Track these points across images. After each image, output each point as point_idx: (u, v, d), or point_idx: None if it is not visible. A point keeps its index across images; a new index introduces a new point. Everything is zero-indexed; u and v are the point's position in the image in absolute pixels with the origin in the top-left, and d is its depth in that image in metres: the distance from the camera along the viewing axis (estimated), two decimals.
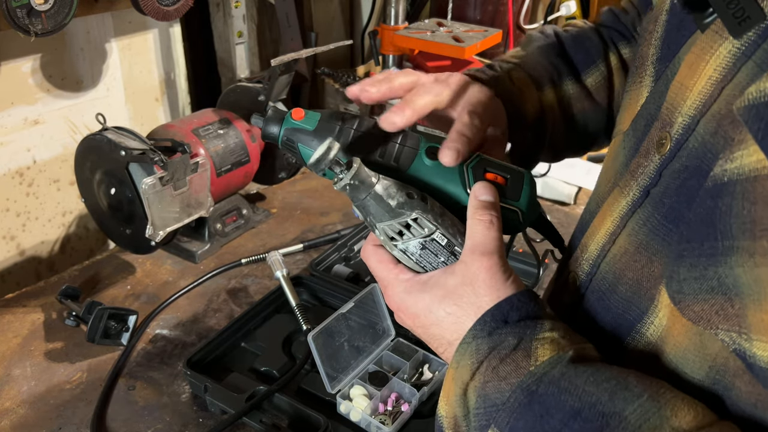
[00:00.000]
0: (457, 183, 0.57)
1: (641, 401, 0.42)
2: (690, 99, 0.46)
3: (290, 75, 1.28)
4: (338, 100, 1.73)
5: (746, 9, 0.40)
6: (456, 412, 0.50)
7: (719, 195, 0.39)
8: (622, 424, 0.41)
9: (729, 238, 0.38)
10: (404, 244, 0.53)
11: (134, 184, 1.07)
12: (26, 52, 1.20)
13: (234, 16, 1.51)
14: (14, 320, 1.07)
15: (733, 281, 0.38)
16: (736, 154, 0.39)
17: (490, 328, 0.49)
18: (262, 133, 0.58)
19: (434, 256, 0.54)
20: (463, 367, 0.49)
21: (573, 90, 0.72)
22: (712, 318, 0.41)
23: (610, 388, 0.43)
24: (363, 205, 0.53)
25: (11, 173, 1.25)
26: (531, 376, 0.46)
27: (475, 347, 0.49)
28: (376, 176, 0.53)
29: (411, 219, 0.52)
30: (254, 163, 1.30)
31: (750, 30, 0.41)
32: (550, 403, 0.44)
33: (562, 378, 0.45)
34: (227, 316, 1.09)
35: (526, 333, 0.48)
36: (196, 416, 0.90)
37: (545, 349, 0.47)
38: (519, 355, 0.47)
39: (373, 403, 0.88)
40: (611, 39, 0.75)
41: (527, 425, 0.45)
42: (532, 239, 0.66)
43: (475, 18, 1.86)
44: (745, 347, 0.39)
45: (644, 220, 0.50)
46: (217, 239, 1.27)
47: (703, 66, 0.45)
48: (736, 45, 0.42)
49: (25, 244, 1.30)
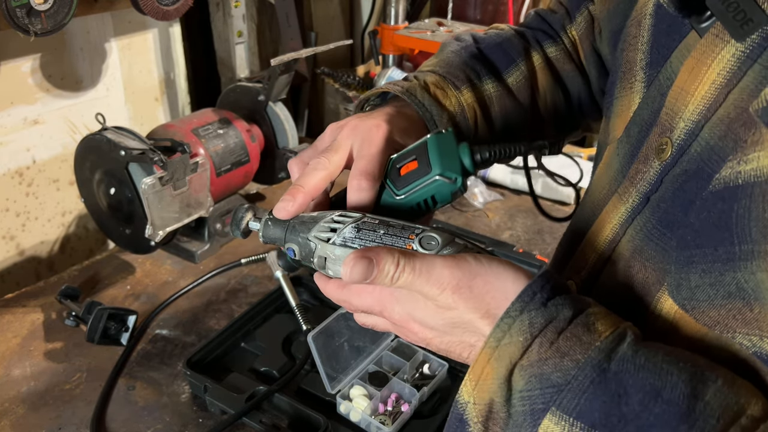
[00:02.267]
0: (392, 197, 0.58)
1: (718, 386, 0.39)
2: (692, 104, 0.46)
3: (290, 75, 1.28)
4: (338, 100, 1.73)
5: (747, 12, 0.39)
6: (493, 397, 0.44)
7: (734, 198, 0.39)
8: (706, 409, 0.39)
9: (748, 242, 0.38)
10: (339, 235, 0.52)
11: (134, 184, 1.07)
12: (26, 52, 1.20)
13: (234, 16, 1.51)
14: (14, 320, 1.07)
15: (754, 286, 0.38)
16: (751, 155, 0.38)
17: (543, 298, 0.44)
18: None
19: (373, 232, 0.52)
20: (509, 345, 0.43)
21: (493, 89, 0.70)
22: (729, 322, 0.40)
23: (687, 369, 0.40)
24: (290, 227, 0.55)
25: (11, 173, 1.25)
26: (600, 351, 0.41)
27: (528, 320, 0.43)
28: None
29: (336, 215, 0.54)
30: (254, 163, 1.30)
31: (754, 33, 0.40)
32: (627, 381, 0.40)
33: (636, 355, 0.41)
34: (227, 316, 1.09)
35: (577, 306, 0.44)
36: (195, 416, 0.90)
37: (603, 323, 0.43)
38: (579, 329, 0.43)
39: (373, 404, 0.88)
40: (536, 39, 0.75)
41: (602, 407, 0.40)
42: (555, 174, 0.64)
43: (475, 18, 1.86)
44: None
45: (641, 226, 0.49)
46: (217, 239, 1.27)
47: (704, 71, 0.45)
48: (739, 48, 0.42)
49: (25, 244, 1.30)
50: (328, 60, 1.87)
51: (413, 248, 0.51)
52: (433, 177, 0.56)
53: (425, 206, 0.58)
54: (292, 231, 0.55)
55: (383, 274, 0.47)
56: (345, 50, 2.00)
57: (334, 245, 0.53)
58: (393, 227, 0.52)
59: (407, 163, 0.57)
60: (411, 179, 0.57)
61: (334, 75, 1.69)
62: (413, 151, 0.58)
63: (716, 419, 0.38)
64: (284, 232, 0.56)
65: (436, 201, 0.57)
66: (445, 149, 0.56)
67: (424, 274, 0.47)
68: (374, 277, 0.47)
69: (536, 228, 1.36)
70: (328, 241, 0.53)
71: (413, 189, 0.57)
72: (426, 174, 0.56)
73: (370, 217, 0.53)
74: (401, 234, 0.52)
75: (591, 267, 0.55)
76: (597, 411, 0.40)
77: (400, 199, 0.58)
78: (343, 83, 1.70)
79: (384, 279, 0.47)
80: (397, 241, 0.51)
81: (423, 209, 0.58)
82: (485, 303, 0.46)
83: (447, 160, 0.56)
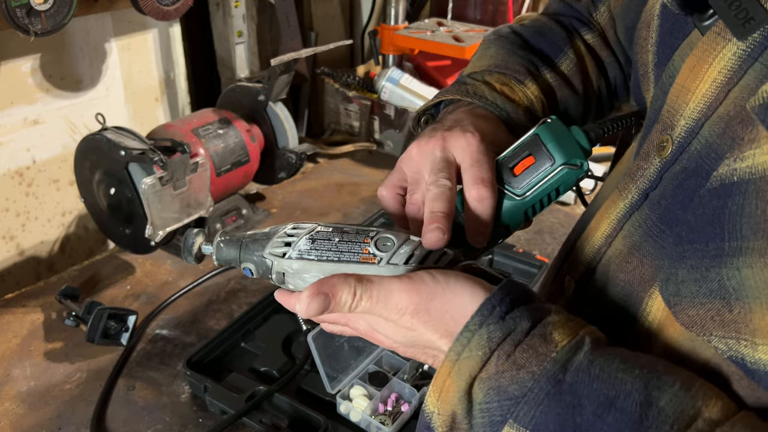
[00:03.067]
0: (512, 198, 0.56)
1: (674, 390, 0.39)
2: (693, 102, 0.46)
3: (290, 75, 1.28)
4: (338, 100, 1.73)
5: (749, 10, 0.39)
6: (455, 409, 0.45)
7: (728, 195, 0.39)
8: (660, 415, 0.39)
9: (737, 239, 0.38)
10: (294, 249, 0.52)
11: (134, 184, 1.07)
12: (26, 52, 1.20)
13: (234, 16, 1.51)
14: (14, 320, 1.07)
15: (737, 284, 0.38)
16: (747, 153, 0.38)
17: (501, 311, 0.44)
18: None
19: (328, 241, 0.51)
20: (469, 359, 0.44)
21: (552, 78, 0.69)
22: (706, 323, 0.40)
23: (642, 376, 0.40)
24: (244, 245, 0.54)
25: (11, 173, 1.25)
26: (555, 363, 0.42)
27: (486, 334, 0.43)
28: (241, 235, 0.55)
29: (289, 228, 0.53)
30: (254, 163, 1.30)
31: (755, 31, 0.40)
32: (581, 392, 0.40)
33: (591, 365, 0.41)
34: (227, 316, 1.09)
35: (536, 316, 0.44)
36: (195, 416, 0.90)
37: (560, 333, 0.43)
38: (536, 341, 0.43)
39: (373, 404, 0.88)
40: (572, 26, 0.74)
41: (557, 418, 0.41)
42: None
43: (475, 18, 1.86)
44: (745, 353, 0.38)
45: (640, 222, 0.49)
46: None
47: (705, 68, 0.45)
48: (741, 47, 0.42)
49: (25, 244, 1.30)
50: (328, 60, 1.87)
51: (369, 251, 0.51)
52: (559, 167, 0.54)
53: (548, 200, 0.56)
54: (246, 250, 0.54)
55: (340, 306, 0.47)
56: (345, 50, 2.00)
57: (291, 259, 0.52)
58: (347, 233, 0.52)
59: (521, 161, 0.55)
60: (531, 175, 0.55)
61: (334, 75, 1.69)
62: (524, 147, 0.55)
63: (670, 425, 0.38)
64: (238, 252, 0.54)
65: (560, 192, 0.55)
66: (560, 136, 0.54)
67: (382, 300, 0.47)
68: (331, 309, 0.47)
69: (536, 228, 1.36)
70: (284, 256, 0.52)
71: (537, 185, 0.55)
72: (549, 166, 0.54)
73: (322, 225, 0.53)
74: (356, 239, 0.51)
75: (588, 262, 0.55)
76: (552, 423, 0.41)
77: (521, 198, 0.55)
78: (343, 83, 1.70)
79: (342, 309, 0.47)
80: (353, 246, 0.51)
81: (545, 204, 0.56)
82: (444, 323, 0.46)
83: (567, 147, 0.54)
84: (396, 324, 0.48)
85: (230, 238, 0.55)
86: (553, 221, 1.38)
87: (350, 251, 0.51)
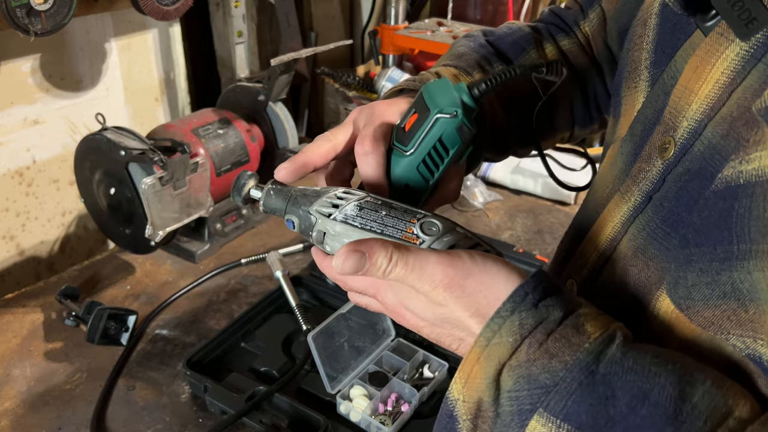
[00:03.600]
0: (402, 155, 0.57)
1: (706, 387, 0.39)
2: (696, 103, 0.45)
3: (290, 75, 1.28)
4: (338, 100, 1.73)
5: (752, 11, 0.39)
6: (482, 396, 0.44)
7: (735, 197, 0.39)
8: (694, 411, 0.38)
9: (746, 242, 0.37)
10: (341, 212, 0.52)
11: (134, 184, 1.07)
12: (26, 52, 1.20)
13: (234, 16, 1.51)
14: (14, 320, 1.07)
15: (750, 286, 0.38)
16: (753, 155, 0.38)
17: (534, 299, 0.44)
18: None
19: (375, 212, 0.51)
20: (499, 345, 0.43)
21: None
22: (723, 323, 0.40)
23: (675, 371, 0.40)
24: (292, 198, 0.54)
25: (11, 173, 1.25)
26: (588, 353, 0.41)
27: (518, 321, 0.43)
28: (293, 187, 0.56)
29: (340, 192, 0.53)
30: (254, 163, 1.30)
31: (758, 32, 0.40)
32: (615, 383, 0.40)
33: (624, 357, 0.41)
34: (227, 316, 1.09)
35: (568, 307, 0.44)
36: (195, 416, 0.90)
37: (592, 324, 0.43)
38: (568, 331, 0.42)
39: (373, 404, 0.88)
40: (548, 32, 0.74)
41: (589, 409, 0.40)
42: None
43: (475, 18, 1.86)
44: (762, 352, 0.39)
45: (643, 225, 0.49)
46: (216, 239, 1.27)
47: (708, 69, 0.45)
48: (744, 47, 0.42)
49: (25, 244, 1.30)
50: (328, 60, 1.87)
51: (413, 231, 0.51)
52: (434, 117, 0.55)
53: (437, 156, 0.56)
54: (293, 203, 0.54)
55: (375, 268, 0.47)
56: (345, 50, 2.00)
57: (335, 221, 0.52)
58: (395, 209, 0.51)
59: (409, 119, 0.57)
60: (414, 130, 0.56)
61: (334, 75, 1.69)
62: (412, 106, 0.58)
63: (703, 421, 0.38)
64: (285, 203, 0.55)
65: (446, 146, 0.56)
66: (441, 91, 0.56)
67: (417, 269, 0.46)
68: (366, 270, 0.47)
69: (536, 228, 1.36)
70: (329, 216, 0.52)
71: (419, 139, 0.56)
72: (426, 117, 0.55)
73: (373, 197, 0.52)
74: (403, 217, 0.51)
75: (592, 265, 0.55)
76: (584, 413, 0.40)
77: (410, 154, 0.56)
78: (343, 83, 1.70)
79: (376, 272, 0.47)
80: (399, 223, 0.51)
81: (436, 161, 0.57)
82: (476, 302, 0.46)
83: (443, 98, 0.55)
84: (427, 298, 0.47)
85: (281, 188, 0.56)
86: (553, 221, 1.39)
87: (395, 227, 0.51)
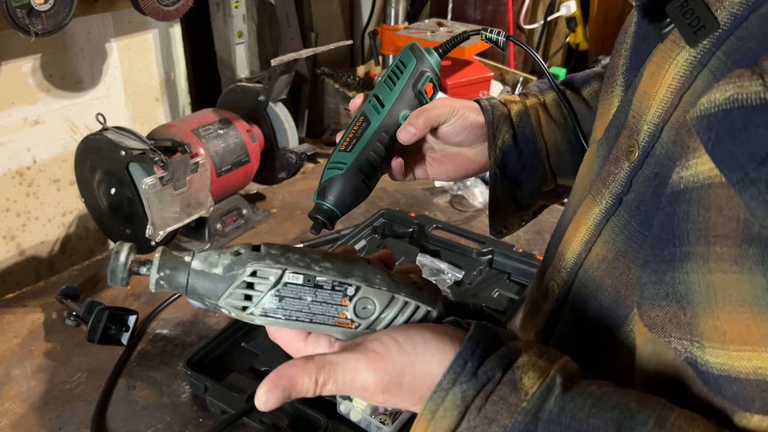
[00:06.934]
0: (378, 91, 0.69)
1: (648, 429, 0.39)
2: (653, 107, 0.47)
3: (290, 75, 1.28)
4: (338, 100, 1.73)
5: (701, 18, 0.40)
6: None
7: (677, 201, 0.40)
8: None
9: (686, 244, 0.39)
10: (258, 306, 0.45)
11: (134, 184, 1.07)
12: (26, 52, 1.20)
13: (234, 16, 1.52)
14: (14, 320, 1.07)
15: (686, 288, 0.39)
16: (691, 161, 0.39)
17: (473, 366, 0.43)
18: None
19: (298, 300, 0.46)
20: (444, 417, 0.42)
21: (554, 97, 0.74)
22: (665, 325, 0.41)
23: (615, 418, 0.40)
24: (193, 290, 0.46)
25: (11, 173, 1.25)
26: (526, 413, 0.41)
27: (461, 393, 0.42)
28: (189, 254, 0.47)
29: (248, 275, 0.45)
30: (254, 163, 1.30)
31: (705, 38, 0.41)
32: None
33: (562, 413, 0.41)
34: (227, 316, 1.09)
35: (506, 361, 0.43)
36: (196, 416, 0.90)
37: (530, 377, 0.42)
38: (505, 390, 0.42)
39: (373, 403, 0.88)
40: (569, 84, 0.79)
41: None
42: None
43: (475, 18, 1.86)
44: (697, 355, 0.39)
45: (621, 228, 0.50)
46: (217, 239, 1.27)
47: (663, 74, 0.46)
48: (692, 53, 0.43)
49: (25, 244, 1.30)
50: (328, 60, 1.87)
51: (347, 316, 0.47)
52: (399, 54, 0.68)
53: (395, 76, 0.67)
54: (193, 292, 0.47)
55: (304, 391, 0.45)
56: (345, 50, 2.00)
57: (253, 316, 0.46)
58: (322, 290, 0.46)
59: None
60: None
61: (334, 75, 1.69)
62: None
63: None
64: (185, 286, 0.47)
65: (404, 63, 0.67)
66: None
67: (348, 383, 0.45)
68: (295, 396, 0.45)
69: (536, 228, 1.36)
70: (245, 310, 0.46)
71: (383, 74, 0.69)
72: None
73: (290, 272, 0.46)
74: (332, 300, 0.46)
75: (569, 267, 0.56)
76: None
77: (378, 82, 0.67)
78: (343, 83, 1.70)
79: (306, 394, 0.45)
80: (328, 309, 0.46)
81: (398, 74, 0.67)
82: (418, 393, 0.45)
83: None
84: (368, 399, 0.46)
85: (175, 267, 0.47)
86: (553, 221, 1.38)
87: (324, 314, 0.46)
